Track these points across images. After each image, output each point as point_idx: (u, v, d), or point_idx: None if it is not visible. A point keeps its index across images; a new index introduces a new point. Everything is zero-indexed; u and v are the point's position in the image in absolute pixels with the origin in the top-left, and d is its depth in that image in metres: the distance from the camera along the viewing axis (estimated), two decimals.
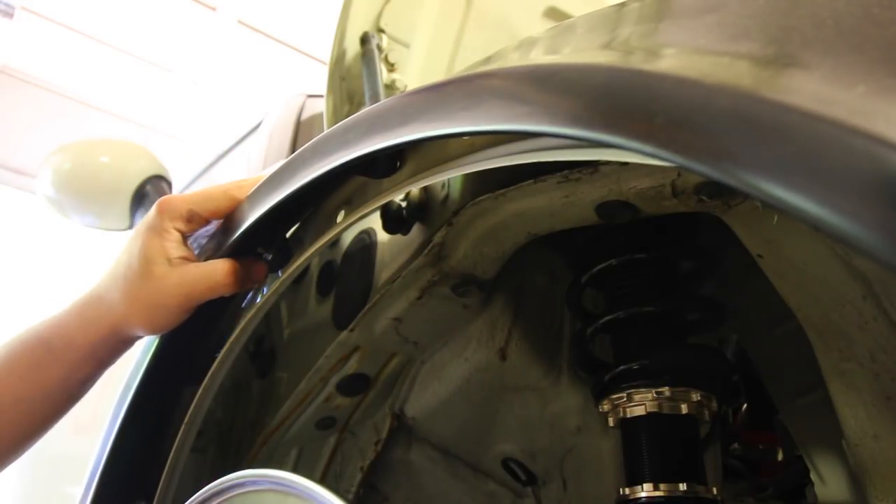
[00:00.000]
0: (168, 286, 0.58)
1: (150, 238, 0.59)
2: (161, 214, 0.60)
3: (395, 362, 0.77)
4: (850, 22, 0.23)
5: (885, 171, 0.18)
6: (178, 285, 0.58)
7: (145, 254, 0.58)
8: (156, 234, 0.59)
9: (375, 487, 0.86)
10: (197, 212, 0.61)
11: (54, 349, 0.60)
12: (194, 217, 0.61)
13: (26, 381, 0.59)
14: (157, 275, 0.58)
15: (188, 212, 0.61)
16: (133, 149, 1.61)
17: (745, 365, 0.76)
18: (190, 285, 0.58)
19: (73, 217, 1.57)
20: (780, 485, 0.82)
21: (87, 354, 0.60)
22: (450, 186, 0.61)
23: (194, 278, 0.58)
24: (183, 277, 0.58)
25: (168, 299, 0.58)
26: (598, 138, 0.27)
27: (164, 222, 0.60)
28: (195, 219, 0.61)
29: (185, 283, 0.58)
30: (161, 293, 0.58)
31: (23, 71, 4.82)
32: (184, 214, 0.60)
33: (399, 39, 1.10)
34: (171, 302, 0.58)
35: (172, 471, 0.68)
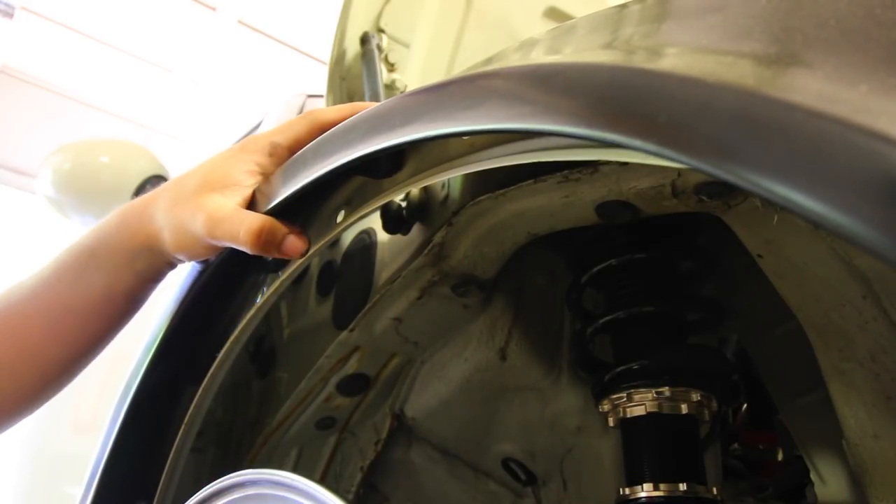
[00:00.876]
0: (199, 213, 0.54)
1: (225, 163, 0.57)
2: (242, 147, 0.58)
3: (395, 362, 0.77)
4: (853, 22, 0.23)
5: (888, 169, 0.18)
6: (207, 216, 0.54)
7: (209, 175, 0.56)
8: (231, 162, 0.57)
9: (375, 487, 0.86)
10: (278, 142, 0.57)
11: (97, 255, 0.58)
12: (276, 149, 0.57)
13: (73, 289, 0.58)
14: (199, 197, 0.55)
15: (269, 144, 0.57)
16: (133, 149, 1.61)
17: (745, 365, 0.76)
18: (216, 222, 0.54)
19: (73, 217, 1.57)
20: (780, 485, 0.82)
21: (126, 262, 0.58)
22: (450, 186, 0.61)
23: (223, 217, 0.54)
24: (216, 211, 0.54)
25: (195, 226, 0.55)
26: (601, 137, 0.27)
27: (240, 154, 0.57)
28: (277, 150, 0.57)
29: (213, 218, 0.54)
30: (192, 217, 0.55)
31: (23, 71, 4.82)
32: (265, 147, 0.57)
33: (399, 39, 1.10)
34: (196, 230, 0.55)
35: (172, 471, 0.68)
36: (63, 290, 0.58)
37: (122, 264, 0.58)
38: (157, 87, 5.09)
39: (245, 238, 0.53)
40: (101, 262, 0.58)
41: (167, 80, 5.08)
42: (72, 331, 0.58)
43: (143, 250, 0.58)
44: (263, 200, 0.57)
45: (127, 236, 0.58)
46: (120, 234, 0.58)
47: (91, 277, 0.58)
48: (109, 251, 0.58)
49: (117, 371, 0.76)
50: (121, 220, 0.59)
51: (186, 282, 0.67)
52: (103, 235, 0.59)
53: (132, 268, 0.58)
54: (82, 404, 1.20)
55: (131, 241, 0.58)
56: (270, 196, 0.56)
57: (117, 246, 0.58)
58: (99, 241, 0.59)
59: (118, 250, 0.58)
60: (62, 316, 0.58)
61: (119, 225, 0.59)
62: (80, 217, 1.56)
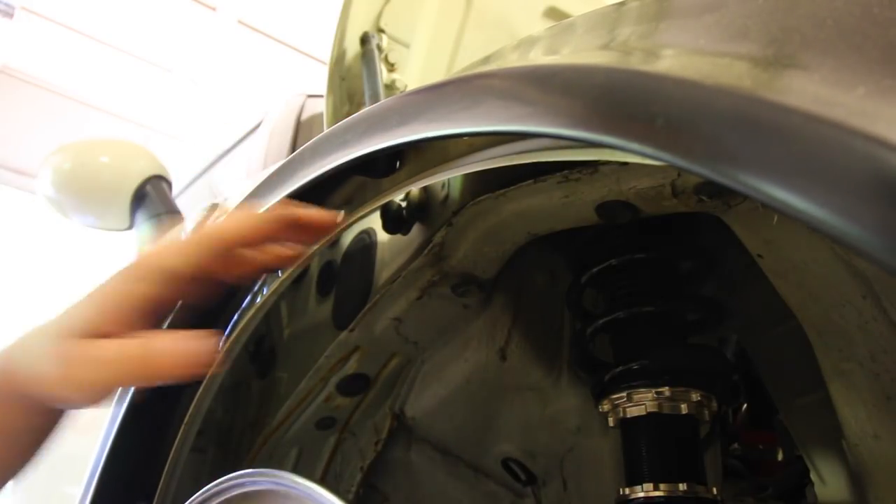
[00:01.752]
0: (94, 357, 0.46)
1: (105, 296, 0.48)
2: (125, 274, 0.49)
3: (395, 362, 0.77)
4: (850, 22, 0.23)
5: (885, 173, 0.18)
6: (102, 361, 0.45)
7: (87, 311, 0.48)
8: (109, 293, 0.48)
9: (375, 487, 0.86)
10: (172, 268, 0.48)
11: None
12: (170, 277, 0.48)
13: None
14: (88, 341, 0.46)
15: (160, 272, 0.48)
16: (133, 149, 1.61)
17: (745, 365, 0.76)
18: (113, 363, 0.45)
19: (73, 217, 1.57)
20: (780, 485, 0.82)
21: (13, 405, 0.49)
22: (450, 186, 0.61)
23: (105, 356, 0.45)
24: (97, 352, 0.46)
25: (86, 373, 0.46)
26: (598, 139, 0.27)
27: (126, 285, 0.48)
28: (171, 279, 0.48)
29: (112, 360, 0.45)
30: (84, 363, 0.45)
31: (23, 71, 4.82)
32: (154, 276, 0.48)
33: (399, 39, 1.10)
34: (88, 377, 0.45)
35: (172, 471, 0.68)
36: None
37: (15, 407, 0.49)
38: (157, 87, 5.10)
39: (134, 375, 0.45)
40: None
41: (167, 80, 5.08)
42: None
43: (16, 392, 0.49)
44: None
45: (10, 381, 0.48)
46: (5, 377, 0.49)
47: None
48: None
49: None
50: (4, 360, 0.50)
51: None
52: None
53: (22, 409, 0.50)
54: None
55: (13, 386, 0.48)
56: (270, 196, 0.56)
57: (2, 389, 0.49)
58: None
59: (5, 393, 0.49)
60: None
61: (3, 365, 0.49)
62: (80, 217, 1.56)
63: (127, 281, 0.48)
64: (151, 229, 1.53)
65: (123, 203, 1.53)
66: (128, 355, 0.45)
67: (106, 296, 0.48)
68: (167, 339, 0.45)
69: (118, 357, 0.45)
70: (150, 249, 0.50)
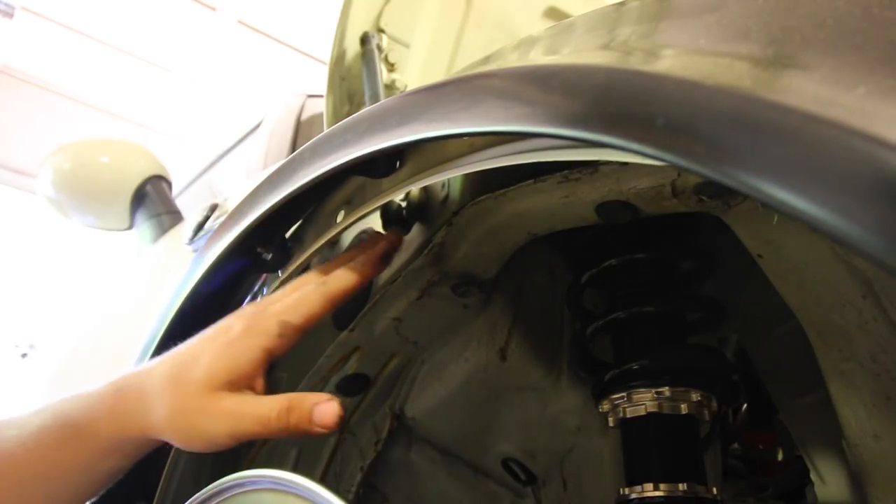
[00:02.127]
0: (219, 411, 0.50)
1: (230, 354, 0.51)
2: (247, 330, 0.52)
3: (395, 362, 0.77)
4: (851, 22, 0.23)
5: (885, 173, 0.18)
6: (226, 413, 0.50)
7: (214, 369, 0.51)
8: (237, 351, 0.52)
9: (375, 487, 0.86)
10: (289, 322, 0.52)
11: (82, 434, 0.53)
12: (286, 329, 0.52)
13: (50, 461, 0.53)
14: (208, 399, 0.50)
15: (279, 325, 0.52)
16: (133, 149, 1.61)
17: (745, 365, 0.76)
18: (237, 421, 0.50)
19: (73, 217, 1.57)
20: (780, 485, 0.82)
21: (112, 447, 0.53)
22: (450, 186, 0.61)
23: (244, 414, 0.50)
24: (238, 406, 0.50)
25: (211, 426, 0.50)
26: (598, 140, 0.27)
27: (246, 339, 0.52)
28: (287, 331, 0.52)
29: (235, 414, 0.50)
30: (208, 417, 0.50)
31: (23, 71, 4.82)
32: (273, 328, 0.52)
33: (399, 39, 1.10)
34: (214, 430, 0.51)
35: (172, 471, 0.68)
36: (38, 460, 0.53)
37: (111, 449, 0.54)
38: (157, 87, 5.10)
39: (276, 423, 0.50)
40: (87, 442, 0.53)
41: (167, 80, 5.08)
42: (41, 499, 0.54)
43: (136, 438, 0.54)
44: None
45: (121, 424, 0.53)
46: (113, 420, 0.53)
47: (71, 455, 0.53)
48: (97, 435, 0.53)
49: (117, 370, 0.76)
50: (113, 405, 0.54)
51: (187, 279, 0.67)
52: (93, 416, 0.54)
53: (120, 451, 0.54)
54: None
55: (124, 429, 0.53)
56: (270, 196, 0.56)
57: (108, 431, 0.53)
58: (87, 421, 0.54)
59: (108, 436, 0.53)
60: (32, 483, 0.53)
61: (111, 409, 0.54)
62: (80, 217, 1.56)
63: (250, 335, 0.52)
64: (151, 229, 1.53)
65: (123, 203, 1.53)
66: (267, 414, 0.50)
67: (232, 348, 0.52)
68: (308, 400, 0.51)
69: (256, 413, 0.50)
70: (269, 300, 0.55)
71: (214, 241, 0.63)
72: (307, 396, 0.51)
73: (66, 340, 1.70)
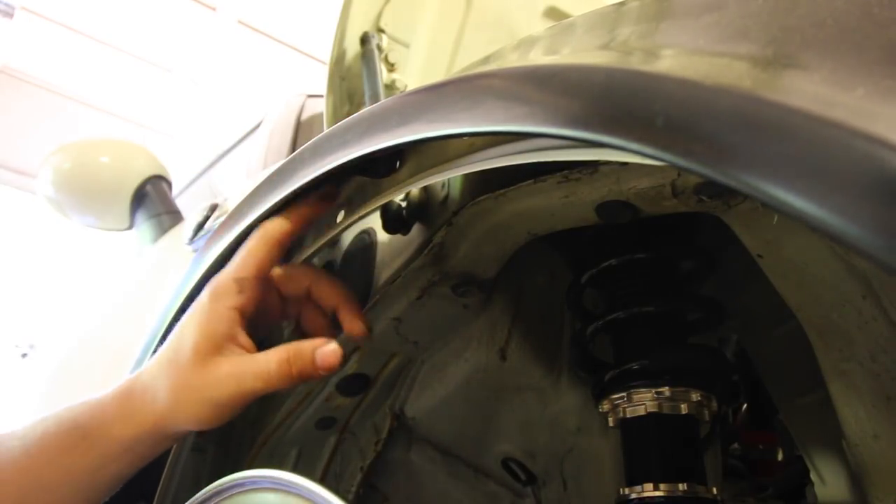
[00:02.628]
0: (219, 377, 0.52)
1: (205, 321, 0.54)
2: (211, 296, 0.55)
3: (395, 362, 0.77)
4: (850, 22, 0.23)
5: (885, 173, 0.18)
6: (228, 376, 0.52)
7: (197, 339, 0.53)
8: (209, 317, 0.54)
9: (375, 487, 0.86)
10: (243, 276, 0.55)
11: (90, 436, 0.53)
12: (244, 284, 0.55)
13: (54, 467, 0.53)
14: (209, 363, 0.52)
15: (235, 282, 0.54)
16: (133, 149, 1.61)
17: (745, 365, 0.76)
18: (239, 377, 0.52)
19: (73, 217, 1.57)
20: (780, 485, 0.82)
21: (124, 449, 0.54)
22: (450, 186, 0.61)
23: (245, 369, 0.52)
24: (235, 367, 0.52)
25: (217, 392, 0.52)
26: (598, 140, 0.27)
27: (214, 305, 0.54)
28: (245, 285, 0.55)
29: (235, 374, 0.52)
30: (210, 385, 0.52)
31: (23, 71, 4.82)
32: (232, 287, 0.54)
33: (399, 39, 1.10)
34: (220, 395, 0.52)
35: (172, 471, 0.68)
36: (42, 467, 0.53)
37: (121, 450, 0.54)
38: (156, 87, 5.10)
39: (278, 373, 0.52)
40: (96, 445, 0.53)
41: (167, 80, 5.08)
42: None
43: (149, 432, 0.54)
44: None
45: (134, 423, 0.53)
46: (124, 420, 0.53)
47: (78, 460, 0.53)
48: (107, 436, 0.53)
49: (117, 371, 0.76)
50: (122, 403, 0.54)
51: (186, 280, 0.67)
52: (103, 417, 0.54)
53: (132, 451, 0.54)
54: None
55: (136, 426, 0.53)
56: (269, 196, 0.56)
57: (119, 431, 0.53)
58: (97, 423, 0.54)
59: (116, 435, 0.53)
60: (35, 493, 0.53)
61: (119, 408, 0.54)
62: (80, 217, 1.56)
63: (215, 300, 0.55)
64: (151, 229, 1.53)
65: (123, 203, 1.53)
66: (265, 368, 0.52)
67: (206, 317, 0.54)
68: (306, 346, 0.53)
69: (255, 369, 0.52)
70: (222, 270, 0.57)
71: (214, 241, 0.63)
72: (304, 343, 0.53)
73: (66, 340, 1.70)
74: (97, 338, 1.45)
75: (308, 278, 0.60)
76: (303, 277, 0.59)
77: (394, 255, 0.68)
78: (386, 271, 0.68)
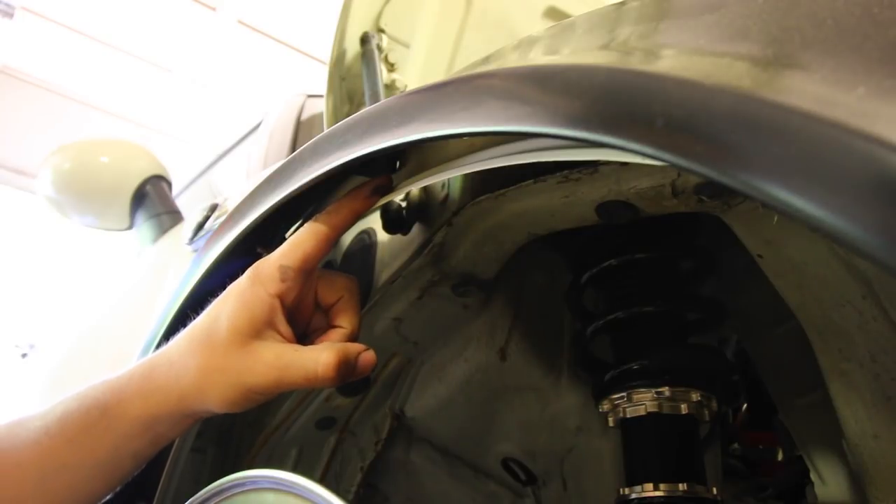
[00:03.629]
0: (258, 363, 0.50)
1: (244, 304, 0.52)
2: (253, 280, 0.53)
3: (395, 362, 0.77)
4: (850, 22, 0.23)
5: (885, 173, 0.18)
6: (269, 365, 0.50)
7: (236, 320, 0.51)
8: (249, 300, 0.52)
9: (375, 487, 0.86)
10: (288, 265, 0.53)
11: (110, 414, 0.52)
12: (287, 273, 0.53)
13: (74, 445, 0.51)
14: (248, 347, 0.51)
15: (279, 269, 0.53)
16: (133, 149, 1.61)
17: (745, 365, 0.76)
18: (281, 370, 0.50)
19: (73, 217, 1.57)
20: (780, 485, 0.82)
21: (143, 427, 0.52)
22: (450, 186, 0.61)
23: (288, 363, 0.50)
24: (279, 358, 0.51)
25: (255, 378, 0.50)
26: (599, 140, 0.27)
27: (254, 288, 0.53)
28: (288, 274, 0.53)
29: (276, 367, 0.50)
30: (248, 370, 0.50)
31: (23, 71, 4.82)
32: (275, 274, 0.53)
33: (399, 39, 1.10)
34: (257, 382, 0.50)
35: (172, 471, 0.68)
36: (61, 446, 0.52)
37: (140, 428, 0.52)
38: (157, 87, 5.09)
39: (324, 374, 0.50)
40: (115, 423, 0.52)
41: (167, 80, 5.08)
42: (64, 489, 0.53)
43: (171, 410, 0.52)
44: None
45: (153, 399, 0.52)
46: (144, 396, 0.52)
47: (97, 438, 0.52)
48: (126, 413, 0.52)
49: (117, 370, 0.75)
50: (143, 378, 0.53)
51: (187, 279, 0.67)
52: (122, 394, 0.52)
53: (151, 430, 0.53)
54: None
55: (157, 403, 0.52)
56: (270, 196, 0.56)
57: (139, 408, 0.52)
58: (117, 400, 0.52)
59: (135, 412, 0.52)
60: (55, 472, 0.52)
61: (141, 383, 0.53)
62: (80, 217, 1.56)
63: (256, 284, 0.53)
64: (151, 229, 1.53)
65: (123, 203, 1.53)
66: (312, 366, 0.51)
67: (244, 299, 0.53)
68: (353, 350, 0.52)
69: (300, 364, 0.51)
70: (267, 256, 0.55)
71: (214, 241, 0.63)
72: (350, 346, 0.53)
73: (66, 340, 1.70)
74: (97, 338, 1.45)
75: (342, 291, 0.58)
76: (340, 287, 0.58)
77: (394, 255, 0.68)
78: (386, 271, 0.68)
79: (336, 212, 0.55)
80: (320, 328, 0.58)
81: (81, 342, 1.55)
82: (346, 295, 0.57)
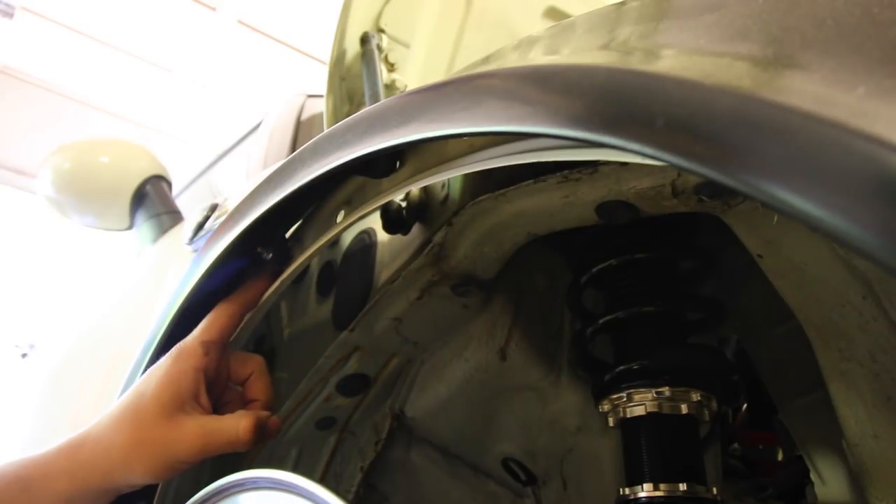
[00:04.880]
0: (184, 434, 0.53)
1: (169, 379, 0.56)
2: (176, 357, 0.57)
3: (395, 362, 0.77)
4: (850, 22, 0.23)
5: (885, 173, 0.18)
6: (194, 434, 0.54)
7: (161, 395, 0.55)
8: (174, 375, 0.56)
9: (375, 487, 0.86)
10: (208, 339, 0.59)
11: (31, 488, 0.53)
12: (208, 347, 0.58)
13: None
14: (173, 420, 0.54)
15: (201, 345, 0.58)
16: (133, 149, 1.61)
17: (745, 365, 0.76)
18: (207, 436, 0.54)
19: (73, 217, 1.57)
20: (780, 485, 0.82)
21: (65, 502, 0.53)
22: (450, 186, 0.61)
23: (213, 430, 0.54)
24: (203, 427, 0.54)
25: (181, 448, 0.53)
26: (599, 140, 0.27)
27: (181, 364, 0.57)
28: (210, 348, 0.58)
29: (202, 433, 0.54)
30: (174, 441, 0.53)
31: (23, 71, 4.82)
32: (197, 349, 0.58)
33: (399, 39, 1.10)
34: (183, 451, 0.53)
35: None
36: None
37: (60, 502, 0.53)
38: (157, 87, 5.09)
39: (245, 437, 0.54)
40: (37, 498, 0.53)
41: (167, 80, 5.08)
42: None
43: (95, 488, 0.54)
44: None
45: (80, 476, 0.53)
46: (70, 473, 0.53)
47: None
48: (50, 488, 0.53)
49: (117, 370, 0.76)
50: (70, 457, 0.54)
51: (187, 279, 0.67)
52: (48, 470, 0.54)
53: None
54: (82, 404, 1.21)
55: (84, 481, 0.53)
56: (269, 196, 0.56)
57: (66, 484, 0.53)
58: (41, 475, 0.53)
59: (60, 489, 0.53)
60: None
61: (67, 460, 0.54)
62: (80, 217, 1.56)
63: (182, 360, 0.57)
64: (151, 229, 1.53)
65: (123, 203, 1.53)
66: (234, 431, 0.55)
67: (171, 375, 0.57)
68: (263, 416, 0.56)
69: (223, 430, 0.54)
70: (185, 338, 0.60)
71: (214, 241, 0.63)
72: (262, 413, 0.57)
73: (66, 340, 1.70)
74: (97, 338, 1.45)
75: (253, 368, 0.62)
76: (251, 364, 0.62)
77: (394, 255, 0.68)
78: (386, 271, 0.68)
79: (244, 292, 0.62)
80: (232, 400, 0.62)
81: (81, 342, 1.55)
82: (256, 370, 0.62)
